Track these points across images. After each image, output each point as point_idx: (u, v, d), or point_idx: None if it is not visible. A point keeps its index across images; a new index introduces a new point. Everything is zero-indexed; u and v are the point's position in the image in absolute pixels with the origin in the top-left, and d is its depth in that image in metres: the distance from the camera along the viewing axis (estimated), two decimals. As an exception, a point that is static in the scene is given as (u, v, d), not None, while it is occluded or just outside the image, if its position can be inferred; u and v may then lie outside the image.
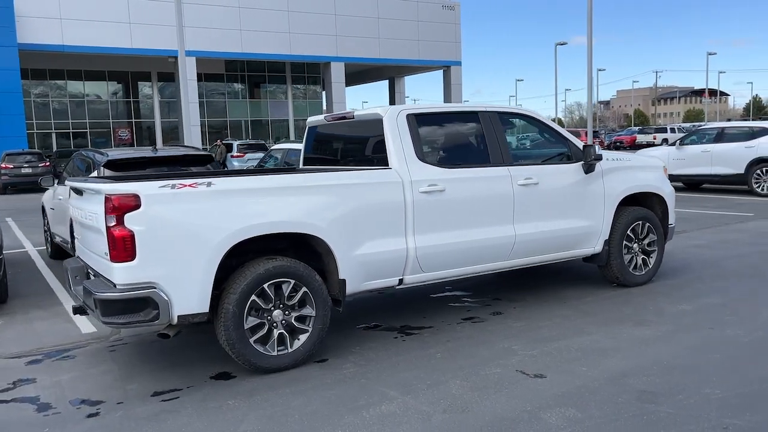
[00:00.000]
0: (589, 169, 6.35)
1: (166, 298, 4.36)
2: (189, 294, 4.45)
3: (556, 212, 6.16)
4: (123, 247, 4.25)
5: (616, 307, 6.10)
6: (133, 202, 4.27)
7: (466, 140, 5.88)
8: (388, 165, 5.41)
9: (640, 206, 6.87)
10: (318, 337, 4.93)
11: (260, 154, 25.49)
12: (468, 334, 5.50)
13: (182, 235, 4.41)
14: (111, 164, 7.62)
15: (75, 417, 4.18)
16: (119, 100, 41.88)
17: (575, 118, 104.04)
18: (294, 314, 4.84)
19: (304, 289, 4.83)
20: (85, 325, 6.34)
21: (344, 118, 6.01)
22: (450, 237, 5.52)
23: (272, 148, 11.23)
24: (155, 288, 4.34)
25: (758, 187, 14.93)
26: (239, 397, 4.37)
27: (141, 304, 4.35)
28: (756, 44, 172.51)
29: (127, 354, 5.42)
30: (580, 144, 6.43)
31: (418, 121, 5.55)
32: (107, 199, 4.25)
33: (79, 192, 4.96)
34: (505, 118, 6.10)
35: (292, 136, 43.79)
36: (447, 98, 41.59)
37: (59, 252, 9.83)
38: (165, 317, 4.38)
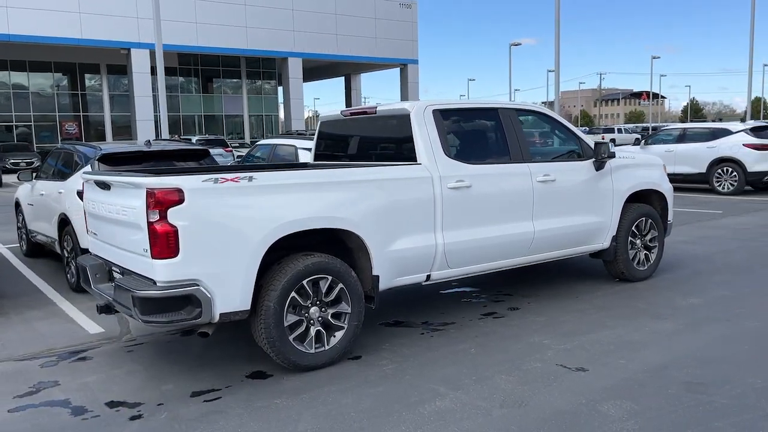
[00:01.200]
0: (599, 166, 6.47)
1: (209, 296, 4.23)
2: (231, 291, 4.33)
3: (571, 208, 6.26)
4: (166, 244, 4.10)
5: (628, 302, 6.24)
6: (177, 197, 4.12)
7: (488, 137, 5.91)
8: (414, 161, 5.38)
9: (643, 203, 7.04)
10: (353, 334, 4.88)
11: (220, 150, 25.08)
12: (493, 329, 5.53)
13: (225, 231, 4.29)
14: (106, 159, 7.34)
15: (117, 420, 4.02)
16: (65, 92, 40.38)
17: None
18: (330, 311, 4.77)
19: (340, 285, 4.77)
20: (91, 325, 6.11)
21: (364, 113, 5.95)
22: (475, 233, 5.54)
23: (258, 143, 11.01)
24: (198, 285, 4.21)
25: (719, 185, 15.53)
26: (285, 396, 4.28)
27: (183, 302, 4.21)
28: (690, 51, 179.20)
29: (147, 354, 5.23)
30: (590, 142, 6.55)
31: (443, 116, 5.54)
32: (150, 193, 4.09)
33: (104, 186, 4.76)
34: (522, 115, 6.16)
35: (246, 132, 43.17)
36: (404, 96, 41.68)
37: (36, 250, 9.43)
38: (207, 315, 4.25)
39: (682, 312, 5.83)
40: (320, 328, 4.73)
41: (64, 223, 7.62)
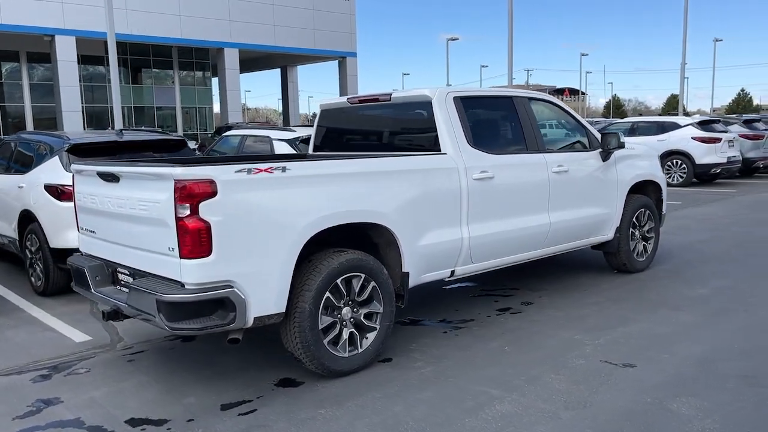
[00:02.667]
0: (606, 157, 6.38)
1: (243, 298, 3.83)
2: (267, 293, 3.95)
3: (582, 200, 6.15)
4: (198, 241, 3.67)
5: (638, 293, 6.19)
6: (210, 189, 3.70)
7: (506, 126, 5.70)
8: (437, 150, 5.11)
9: (640, 194, 7.01)
10: (385, 335, 4.58)
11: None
12: (516, 325, 5.33)
13: (260, 226, 3.90)
14: (76, 150, 6.70)
15: (147, 440, 3.57)
16: (-21, 81, 37.74)
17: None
18: (362, 311, 4.44)
19: (372, 283, 4.45)
20: (73, 332, 5.55)
21: (376, 100, 5.62)
22: (497, 226, 5.32)
23: (225, 135, 10.41)
24: (232, 287, 3.80)
25: (669, 178, 15.98)
26: (327, 405, 3.93)
27: (216, 305, 3.79)
28: (611, 49, 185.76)
29: (152, 363, 4.75)
30: (596, 132, 6.45)
31: (463, 104, 5.29)
32: (179, 185, 3.65)
33: (110, 177, 4.25)
34: (533, 103, 5.98)
35: (179, 124, 41.55)
36: (343, 90, 41.17)
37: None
38: (241, 320, 3.85)
39: (694, 303, 5.80)
40: (353, 329, 4.40)
41: (26, 220, 6.94)
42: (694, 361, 4.41)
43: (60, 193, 6.44)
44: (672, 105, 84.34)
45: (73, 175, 4.87)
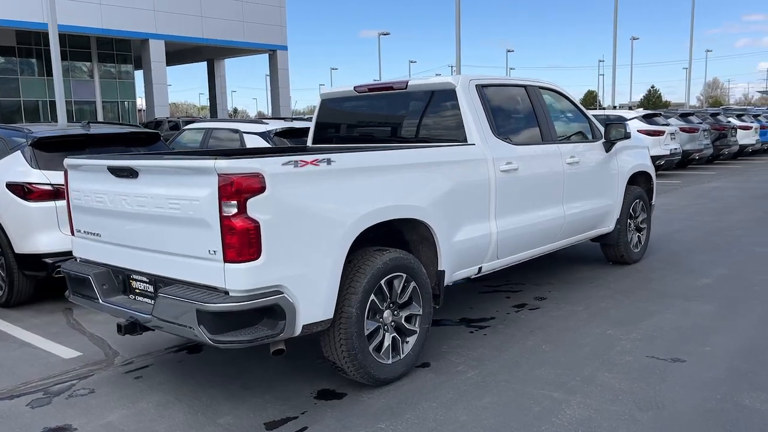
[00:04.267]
0: (609, 147, 6.31)
1: (294, 305, 3.45)
2: (316, 297, 3.57)
3: (590, 191, 6.05)
4: (247, 242, 3.26)
5: (644, 285, 6.15)
6: (258, 184, 3.29)
7: (524, 115, 5.48)
8: (460, 141, 4.85)
9: (634, 185, 7.00)
10: (425, 338, 4.28)
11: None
12: (541, 322, 5.15)
13: (309, 225, 3.52)
14: (41, 144, 6.03)
15: (196, 470, 3.14)
16: None
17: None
18: (403, 314, 4.13)
19: (413, 284, 4.15)
20: (56, 348, 4.97)
21: (390, 88, 5.29)
22: (521, 219, 5.12)
23: (185, 128, 9.75)
24: (282, 292, 3.41)
25: (615, 169, 16.35)
26: (385, 418, 3.60)
27: (262, 314, 3.40)
28: (536, 46, 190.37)
29: (164, 380, 4.27)
30: (598, 124, 6.37)
31: (485, 92, 5.05)
32: (225, 180, 3.23)
33: (125, 172, 3.74)
34: (544, 93, 5.81)
35: (100, 119, 39.50)
36: (274, 83, 40.27)
37: None
38: (290, 329, 3.47)
39: (704, 293, 5.80)
40: (395, 334, 4.08)
41: (-17, 223, 6.20)
42: (740, 354, 4.34)
43: (26, 192, 5.78)
44: (589, 100, 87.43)
45: (66, 171, 4.30)
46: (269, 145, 8.12)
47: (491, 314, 5.40)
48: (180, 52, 40.60)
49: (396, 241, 4.38)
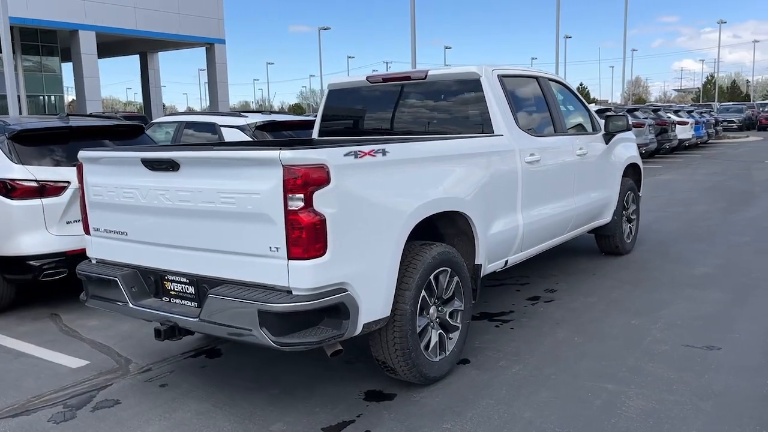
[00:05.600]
0: (608, 139, 6.37)
1: (357, 303, 3.27)
2: (377, 294, 3.41)
3: (595, 183, 6.09)
4: (314, 238, 3.06)
5: (646, 274, 6.24)
6: (324, 176, 3.10)
7: (539, 106, 5.44)
8: (485, 132, 4.76)
9: (626, 176, 7.10)
10: (466, 333, 4.18)
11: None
12: (562, 314, 5.13)
13: (369, 218, 3.35)
14: (21, 138, 5.56)
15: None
16: None
17: (312, 105, 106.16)
18: (447, 310, 4.01)
19: (456, 278, 4.04)
20: (57, 356, 4.62)
21: (407, 78, 5.14)
22: (541, 211, 5.09)
23: (155, 122, 9.24)
24: (347, 290, 3.23)
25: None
26: (448, 418, 3.48)
27: (326, 313, 3.21)
28: (469, 45, 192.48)
29: (195, 386, 4.00)
30: (597, 116, 6.42)
31: (506, 83, 4.98)
32: (291, 172, 3.02)
33: (163, 165, 3.46)
34: (552, 84, 5.79)
35: (24, 114, 37.41)
36: (212, 78, 39.18)
37: None
38: (353, 328, 3.29)
39: (708, 282, 5.93)
40: (441, 331, 3.96)
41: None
42: (768, 339, 4.44)
43: (8, 189, 5.32)
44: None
45: (80, 165, 3.96)
46: (250, 139, 7.82)
47: (509, 308, 5.34)
48: (110, 45, 38.90)
49: (430, 235, 4.26)
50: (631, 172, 7.28)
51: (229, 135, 7.99)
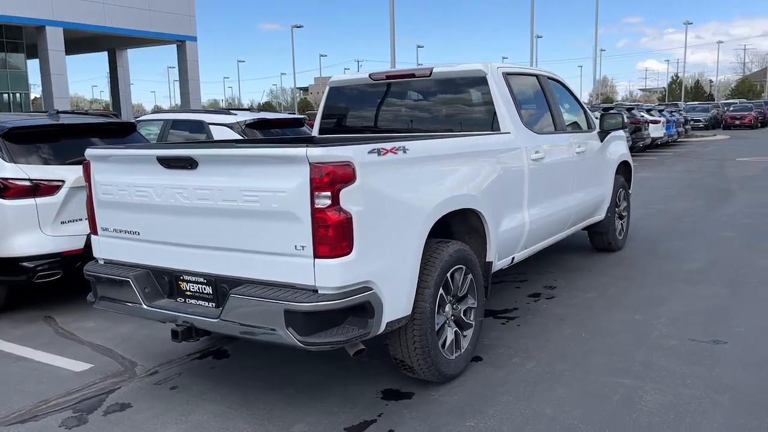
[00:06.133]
0: (603, 137, 6.43)
1: (381, 301, 3.25)
2: (400, 293, 3.39)
3: (591, 180, 6.14)
4: (341, 236, 3.03)
5: (640, 270, 6.32)
6: (350, 174, 3.06)
7: (540, 104, 5.47)
8: (490, 130, 4.77)
9: (618, 174, 7.18)
10: (479, 331, 4.18)
11: None
12: (564, 311, 5.17)
13: (392, 216, 3.33)
14: (13, 136, 5.40)
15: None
16: None
17: (283, 104, 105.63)
18: (461, 307, 4.01)
19: (470, 276, 4.04)
20: (61, 361, 4.50)
21: (411, 76, 5.12)
22: (545, 208, 5.12)
23: (141, 118, 9.07)
24: (372, 289, 3.20)
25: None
26: (470, 416, 3.47)
27: (351, 312, 3.17)
28: (441, 45, 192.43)
29: (207, 388, 3.93)
30: (591, 114, 6.48)
31: (509, 80, 4.99)
32: (319, 169, 2.98)
33: (180, 163, 3.39)
34: (550, 82, 5.83)
35: (-11, 113, 36.44)
36: (183, 76, 38.61)
37: None
38: (377, 327, 3.26)
39: (700, 277, 6.03)
40: (456, 328, 3.96)
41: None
42: (770, 333, 4.53)
43: (1, 189, 5.16)
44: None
45: (87, 164, 3.86)
46: (241, 137, 7.73)
47: (512, 305, 5.37)
48: (77, 41, 38.07)
49: (441, 234, 4.24)
50: (623, 169, 7.37)
51: (219, 133, 7.89)
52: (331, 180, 3.00)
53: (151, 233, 3.61)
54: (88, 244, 5.30)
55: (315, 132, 5.69)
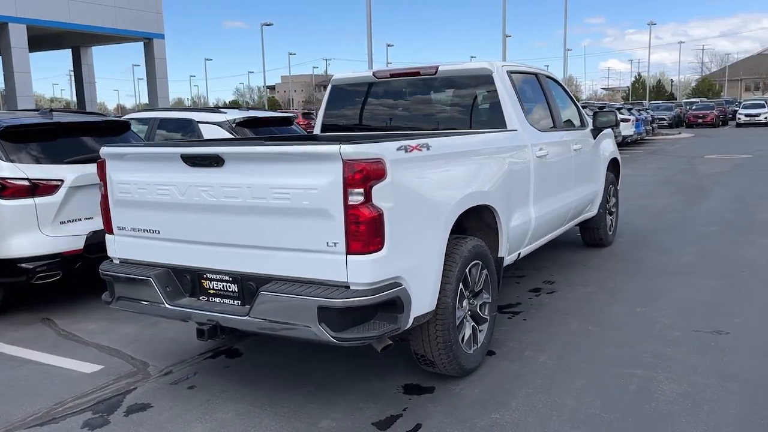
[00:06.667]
0: (596, 134, 6.56)
1: (410, 297, 3.29)
2: (426, 288, 3.43)
3: (586, 177, 6.26)
4: (373, 232, 3.06)
5: (633, 265, 6.46)
6: (382, 170, 3.09)
7: (540, 102, 5.56)
8: (497, 128, 4.84)
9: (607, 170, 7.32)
10: (493, 325, 4.25)
11: None
12: (567, 305, 5.27)
13: (420, 212, 3.37)
14: (9, 134, 5.28)
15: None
16: None
17: (249, 102, 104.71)
18: (477, 302, 4.07)
19: (485, 271, 4.10)
20: (70, 363, 4.44)
21: (416, 74, 5.16)
22: (548, 204, 5.21)
23: (126, 117, 8.89)
24: (402, 284, 3.23)
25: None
26: (494, 408, 3.53)
27: (384, 308, 3.20)
28: (410, 44, 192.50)
29: (225, 387, 3.92)
30: (584, 112, 6.61)
31: (513, 78, 5.07)
32: (352, 166, 3.00)
33: (205, 160, 3.37)
34: (547, 80, 5.93)
35: (-51, 112, 35.32)
36: (151, 74, 38.01)
37: None
38: (405, 322, 3.30)
39: (692, 270, 6.19)
40: (474, 323, 4.01)
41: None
42: (768, 323, 4.68)
43: (0, 188, 5.05)
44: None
45: (102, 162, 3.81)
46: (231, 136, 7.67)
47: (515, 300, 5.45)
48: (41, 38, 37.20)
49: (454, 230, 4.30)
50: (612, 166, 7.52)
51: (208, 132, 7.82)
52: (364, 177, 3.02)
53: (173, 231, 3.58)
54: (88, 244, 5.30)
55: (317, 130, 5.69)
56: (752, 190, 11.58)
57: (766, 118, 38.37)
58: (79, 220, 5.35)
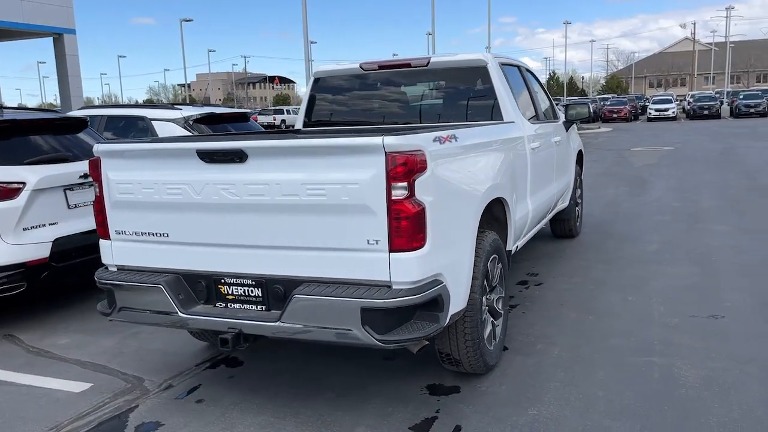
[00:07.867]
0: (568, 127, 6.63)
1: (449, 294, 3.16)
2: (461, 284, 3.31)
3: (563, 169, 6.31)
4: (417, 228, 2.91)
5: (608, 254, 6.57)
6: (424, 163, 2.94)
7: (526, 94, 5.53)
8: (491, 120, 4.79)
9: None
10: (507, 320, 4.18)
11: None
12: (558, 296, 5.28)
13: (455, 206, 3.25)
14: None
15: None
16: None
17: (164, 100, 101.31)
18: (494, 297, 3.99)
19: (500, 265, 4.02)
20: (54, 382, 4.05)
21: (407, 66, 5.01)
22: (539, 196, 5.20)
23: (71, 114, 8.22)
24: (442, 282, 3.10)
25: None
26: (527, 405, 3.45)
27: (424, 307, 3.06)
28: (333, 41, 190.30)
29: (237, 399, 3.66)
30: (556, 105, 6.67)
31: (505, 71, 5.02)
32: (396, 158, 2.83)
33: (227, 157, 3.11)
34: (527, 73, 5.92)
35: None
36: (62, 71, 35.96)
37: None
38: (444, 321, 3.16)
39: (665, 257, 6.35)
40: (493, 318, 3.93)
41: None
42: (759, 306, 4.80)
43: (-38, 191, 4.57)
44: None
45: (97, 161, 3.46)
46: (189, 133, 7.30)
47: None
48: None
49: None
50: (578, 158, 7.64)
51: (163, 130, 7.40)
52: (408, 170, 2.87)
53: (185, 234, 3.30)
54: (54, 252, 4.88)
55: (299, 125, 5.45)
56: (686, 180, 12.10)
57: (673, 112, 40.61)
58: (44, 225, 4.92)
